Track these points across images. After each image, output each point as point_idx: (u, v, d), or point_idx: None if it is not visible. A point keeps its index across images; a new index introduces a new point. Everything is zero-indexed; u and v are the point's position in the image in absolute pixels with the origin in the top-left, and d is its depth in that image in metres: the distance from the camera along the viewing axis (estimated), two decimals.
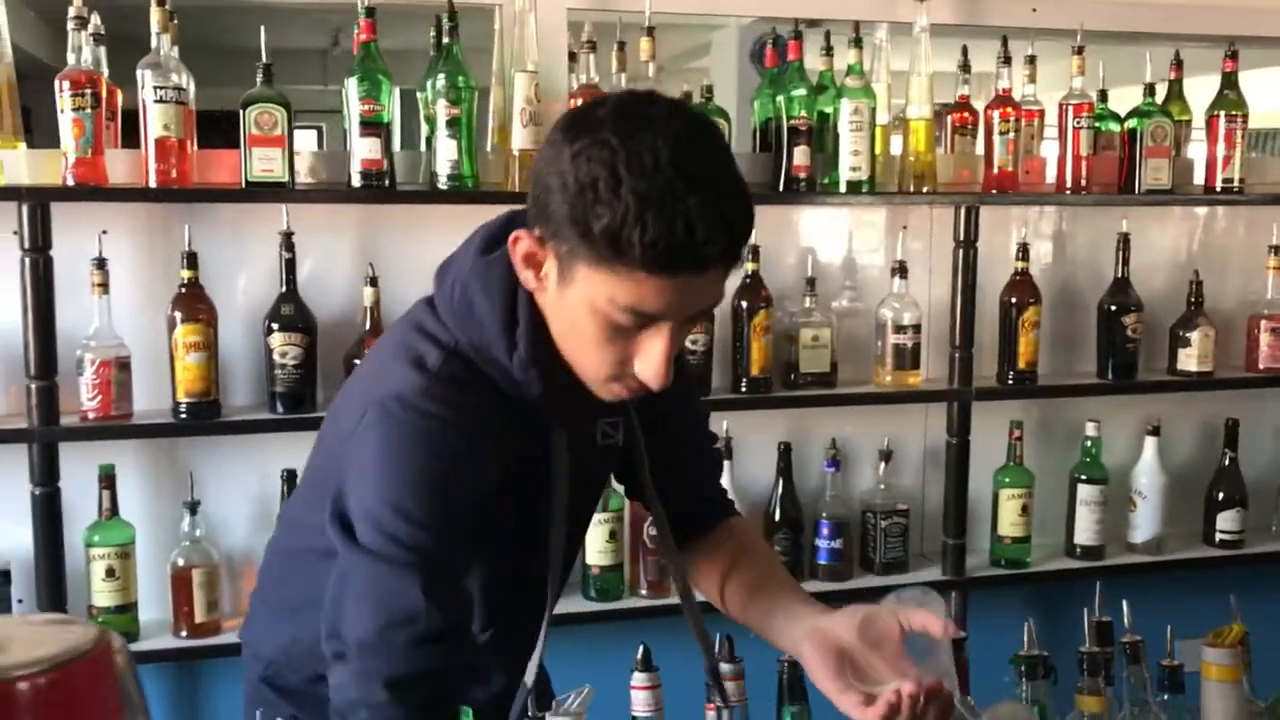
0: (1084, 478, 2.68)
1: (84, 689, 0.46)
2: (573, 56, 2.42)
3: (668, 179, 1.05)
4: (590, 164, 1.06)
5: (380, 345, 1.36)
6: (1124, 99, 2.73)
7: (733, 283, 2.31)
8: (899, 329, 2.53)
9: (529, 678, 1.28)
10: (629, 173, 1.05)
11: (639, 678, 1.20)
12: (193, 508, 2.23)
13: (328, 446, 1.33)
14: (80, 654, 0.46)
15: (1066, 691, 1.44)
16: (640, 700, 1.21)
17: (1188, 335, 2.71)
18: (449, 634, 1.16)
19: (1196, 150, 2.82)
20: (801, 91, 2.41)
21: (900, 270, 2.53)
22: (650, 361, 1.14)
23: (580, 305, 1.13)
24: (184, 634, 2.22)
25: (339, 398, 1.38)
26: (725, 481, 2.42)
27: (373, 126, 2.20)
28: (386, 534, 1.15)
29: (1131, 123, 2.63)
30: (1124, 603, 1.45)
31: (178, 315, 2.16)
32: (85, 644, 0.47)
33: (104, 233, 2.15)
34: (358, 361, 2.26)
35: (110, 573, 2.17)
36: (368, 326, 2.28)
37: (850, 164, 2.41)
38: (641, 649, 1.20)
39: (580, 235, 1.08)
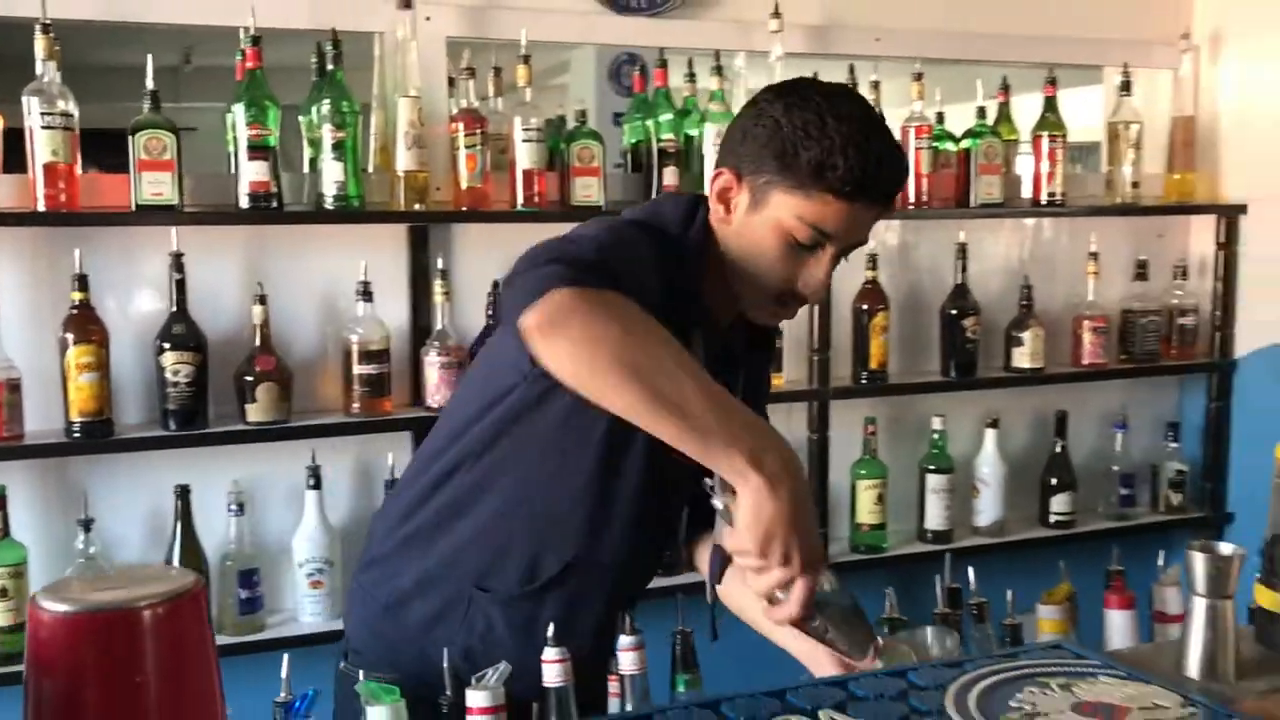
0: (932, 468, 2.91)
1: (188, 620, 0.58)
2: (452, 82, 2.53)
3: (864, 128, 1.37)
4: (803, 112, 1.37)
5: None
6: (959, 115, 2.98)
7: None
8: None
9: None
10: (834, 119, 1.36)
11: (550, 653, 1.33)
12: (86, 525, 2.26)
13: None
14: (185, 591, 0.58)
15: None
16: (552, 673, 1.34)
17: (1020, 335, 2.97)
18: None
19: (1024, 164, 3.09)
20: (669, 116, 2.59)
21: None
22: (813, 279, 1.42)
23: (767, 226, 1.40)
24: None
25: None
26: None
27: (260, 150, 2.28)
28: (572, 243, 1.34)
29: (966, 143, 2.89)
30: (970, 569, 1.66)
31: (69, 336, 2.20)
32: (187, 584, 0.59)
33: None
34: (249, 378, 2.33)
35: (3, 593, 2.19)
36: (258, 343, 2.35)
37: None
38: (551, 627, 1.33)
39: (782, 166, 1.37)
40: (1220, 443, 3.19)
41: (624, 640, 1.39)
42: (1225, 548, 1.31)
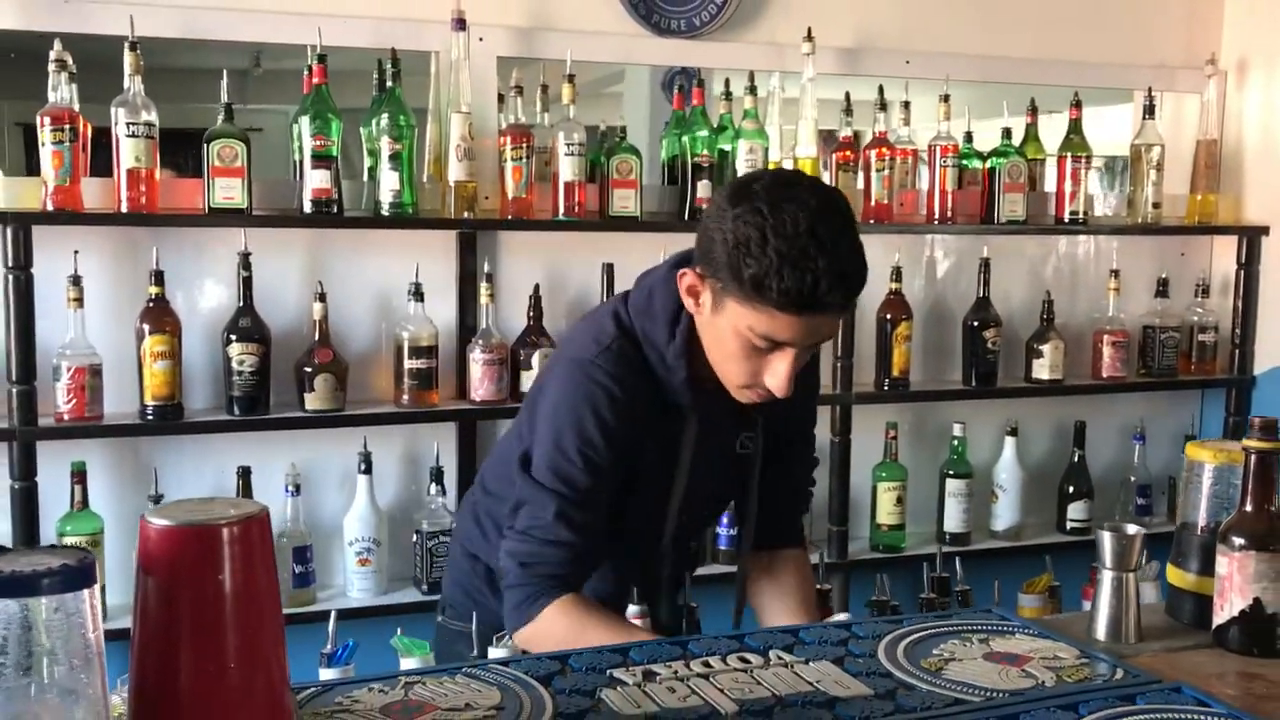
0: (951, 473, 3.04)
1: (257, 540, 0.75)
2: (501, 98, 2.71)
3: (804, 244, 1.37)
4: (746, 226, 1.39)
5: (583, 320, 1.73)
6: (990, 128, 3.10)
7: None
8: None
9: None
10: (774, 236, 1.37)
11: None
12: (156, 500, 2.46)
13: (528, 397, 1.71)
14: (253, 515, 0.75)
15: None
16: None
17: (1041, 348, 3.09)
18: (575, 545, 1.53)
19: (1051, 180, 3.20)
20: (704, 133, 2.74)
21: None
22: (777, 376, 1.48)
23: (727, 329, 1.47)
24: None
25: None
26: None
27: (323, 159, 2.47)
28: (547, 465, 1.55)
29: (991, 162, 3.01)
30: (956, 560, 1.80)
31: (146, 327, 2.41)
32: (255, 510, 0.76)
33: (76, 252, 2.38)
34: (308, 369, 2.53)
35: None
36: (317, 337, 2.54)
37: None
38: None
39: (733, 278, 1.41)
40: None
41: (631, 609, 1.56)
42: (1130, 528, 1.47)
